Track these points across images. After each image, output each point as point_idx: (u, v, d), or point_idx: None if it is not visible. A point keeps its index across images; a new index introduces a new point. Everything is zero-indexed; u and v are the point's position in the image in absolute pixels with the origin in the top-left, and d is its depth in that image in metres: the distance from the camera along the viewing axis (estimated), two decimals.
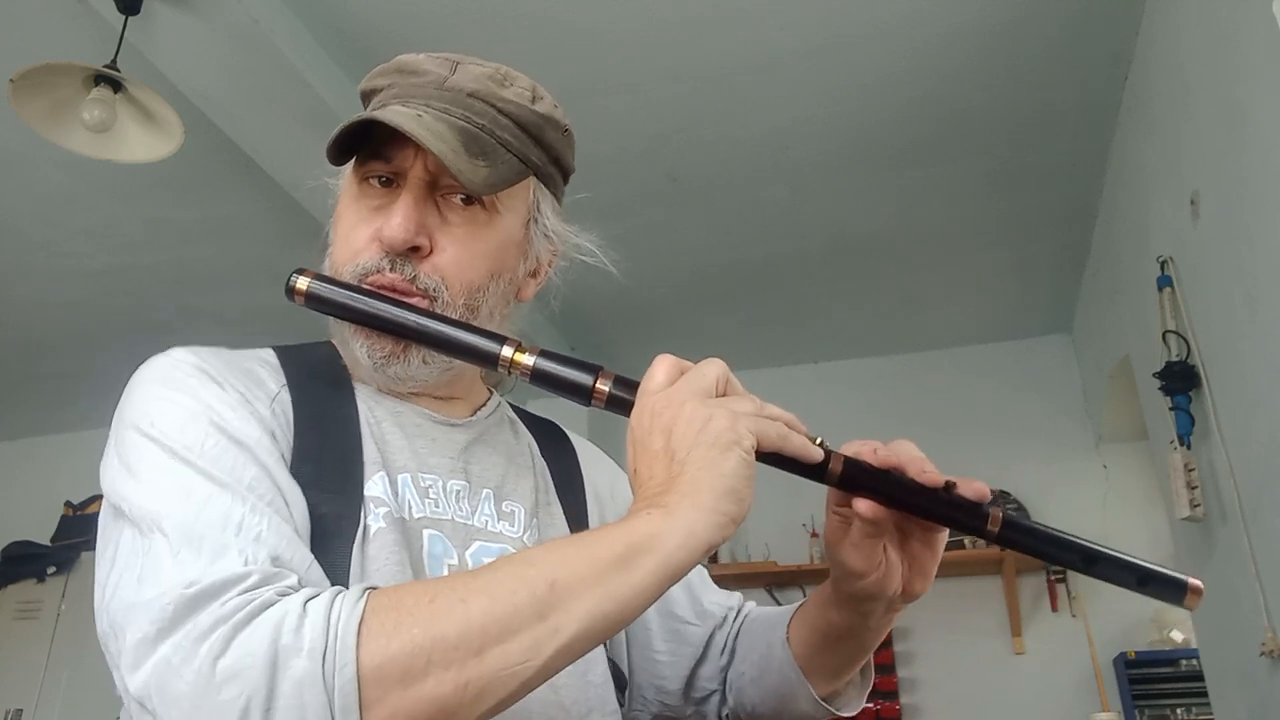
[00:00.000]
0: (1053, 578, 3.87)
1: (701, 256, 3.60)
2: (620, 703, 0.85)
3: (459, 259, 0.80)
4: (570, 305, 0.98)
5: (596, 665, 0.82)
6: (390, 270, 0.78)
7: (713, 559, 4.06)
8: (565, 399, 0.72)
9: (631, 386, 0.70)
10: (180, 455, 0.65)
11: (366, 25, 2.46)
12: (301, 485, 0.70)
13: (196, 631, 0.55)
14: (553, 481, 0.92)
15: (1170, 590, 0.67)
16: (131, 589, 0.60)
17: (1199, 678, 3.06)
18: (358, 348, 0.79)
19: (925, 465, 0.69)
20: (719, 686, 0.94)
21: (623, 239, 0.90)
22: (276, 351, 0.82)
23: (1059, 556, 0.69)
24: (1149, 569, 0.67)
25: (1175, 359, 2.44)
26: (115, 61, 2.19)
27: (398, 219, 0.78)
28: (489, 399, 0.93)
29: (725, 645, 0.95)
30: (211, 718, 0.53)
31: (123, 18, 2.17)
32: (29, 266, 3.56)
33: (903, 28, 2.49)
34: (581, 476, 0.96)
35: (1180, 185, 2.36)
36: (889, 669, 3.78)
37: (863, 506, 0.69)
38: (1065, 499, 3.86)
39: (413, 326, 0.76)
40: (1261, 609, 2.15)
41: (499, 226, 0.82)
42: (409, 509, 0.77)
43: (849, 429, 0.71)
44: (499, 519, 0.82)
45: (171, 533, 0.61)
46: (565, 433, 1.01)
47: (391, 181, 0.81)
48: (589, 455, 1.00)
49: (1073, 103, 2.80)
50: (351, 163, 0.83)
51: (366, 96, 0.87)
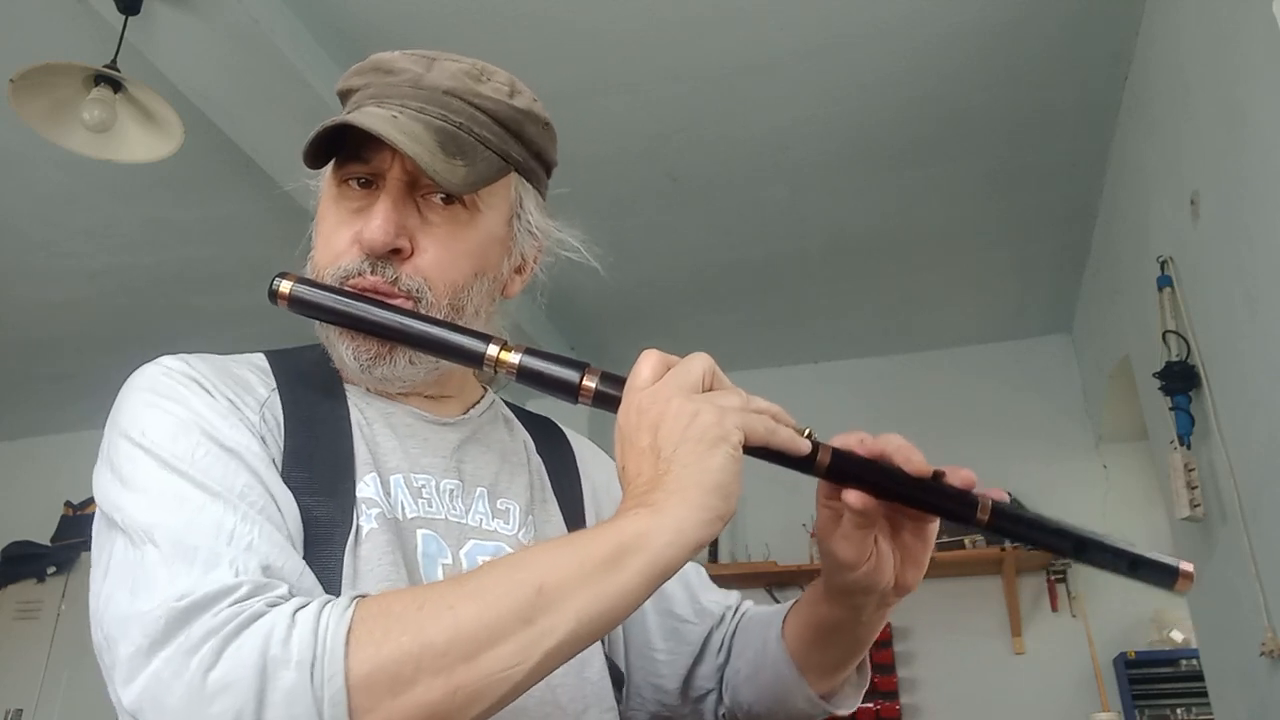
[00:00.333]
0: (1053, 578, 3.87)
1: (701, 256, 3.59)
2: (617, 700, 0.85)
3: (441, 259, 0.79)
4: (570, 306, 0.98)
5: (593, 662, 0.82)
6: (371, 273, 0.77)
7: (712, 559, 4.06)
8: (553, 397, 0.72)
9: (618, 383, 0.69)
10: (172, 465, 0.65)
11: (366, 25, 2.45)
12: (293, 489, 0.70)
13: (188, 644, 0.55)
14: (548, 479, 0.92)
15: (1161, 575, 0.67)
16: (125, 601, 0.60)
17: (1199, 678, 3.06)
18: (343, 350, 0.79)
19: (912, 454, 0.69)
20: (715, 685, 0.94)
21: (623, 239, 0.90)
22: (267, 355, 0.82)
23: (1049, 542, 0.69)
24: (1140, 555, 0.67)
25: (1175, 359, 2.44)
26: (115, 61, 2.19)
27: (377, 221, 0.77)
28: (483, 397, 0.92)
29: (722, 644, 0.95)
30: None
31: (123, 18, 2.17)
32: (29, 266, 3.56)
33: (903, 28, 2.49)
34: (579, 473, 0.96)
35: (1180, 185, 2.36)
36: (889, 669, 3.78)
37: (852, 497, 0.68)
38: (1065, 499, 3.85)
39: (396, 328, 0.75)
40: (1261, 609, 2.15)
41: (481, 225, 0.82)
42: (402, 509, 0.76)
43: (849, 429, 0.71)
44: (494, 517, 0.82)
45: (163, 543, 0.61)
46: (562, 430, 1.00)
47: (370, 183, 0.80)
48: (586, 452, 1.00)
49: (1073, 103, 2.80)
50: (331, 164, 0.82)
51: (344, 96, 0.86)
